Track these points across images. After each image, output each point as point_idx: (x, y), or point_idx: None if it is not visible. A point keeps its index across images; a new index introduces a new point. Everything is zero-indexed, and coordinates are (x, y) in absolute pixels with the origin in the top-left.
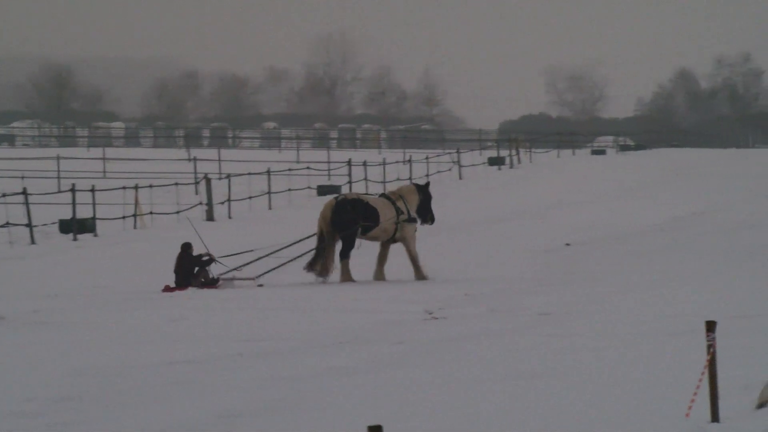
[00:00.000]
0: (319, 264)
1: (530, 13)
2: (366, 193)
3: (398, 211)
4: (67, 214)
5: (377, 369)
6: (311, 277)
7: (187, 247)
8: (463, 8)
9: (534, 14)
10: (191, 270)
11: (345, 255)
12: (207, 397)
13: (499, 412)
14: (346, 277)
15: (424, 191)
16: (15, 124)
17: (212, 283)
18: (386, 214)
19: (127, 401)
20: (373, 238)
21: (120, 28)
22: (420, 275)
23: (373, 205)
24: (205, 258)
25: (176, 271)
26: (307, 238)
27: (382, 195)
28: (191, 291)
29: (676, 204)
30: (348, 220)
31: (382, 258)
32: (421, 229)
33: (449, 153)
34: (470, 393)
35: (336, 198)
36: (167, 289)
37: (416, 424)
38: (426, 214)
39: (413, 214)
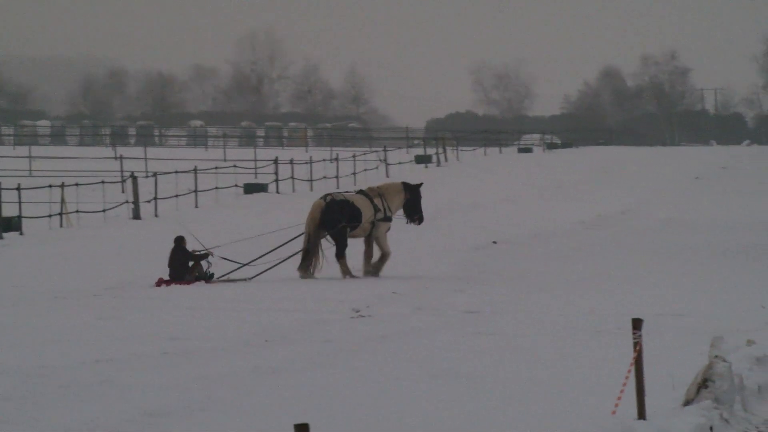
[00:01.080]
0: (310, 264)
1: (457, 11)
2: (346, 191)
3: (375, 209)
4: None
5: (304, 368)
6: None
7: (180, 241)
8: (389, 6)
9: (461, 12)
10: (185, 263)
11: (341, 254)
12: (133, 396)
13: (424, 412)
14: (347, 273)
15: (412, 191)
16: None
17: (206, 277)
18: (366, 213)
19: (53, 401)
20: (353, 236)
21: (46, 27)
22: (370, 270)
23: (357, 206)
24: (201, 252)
25: (170, 265)
26: (299, 236)
27: (360, 192)
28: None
29: (603, 202)
30: (336, 221)
31: (368, 255)
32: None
33: (376, 151)
34: (396, 392)
35: (324, 199)
36: (161, 282)
37: (342, 423)
38: (414, 214)
39: (391, 213)
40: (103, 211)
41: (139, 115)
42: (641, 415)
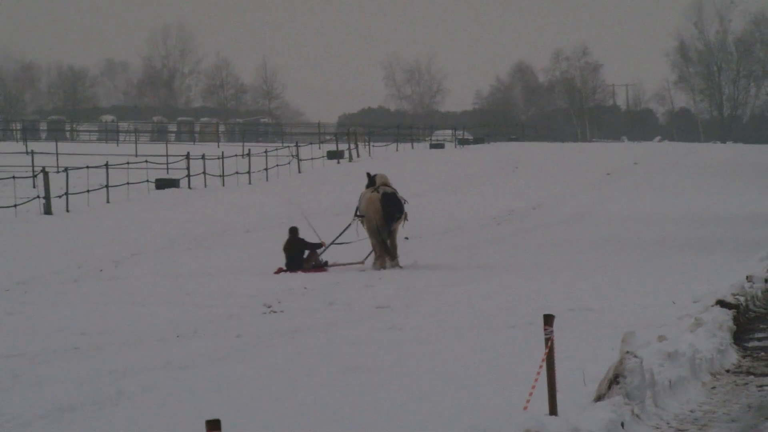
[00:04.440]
0: (386, 255)
1: (369, 5)
2: (385, 185)
3: (404, 202)
4: None
5: (214, 362)
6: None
7: (294, 231)
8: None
9: (372, 6)
10: (301, 253)
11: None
12: (43, 391)
13: (333, 406)
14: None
15: None
16: None
17: (321, 266)
18: (404, 205)
19: None
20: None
21: None
22: (395, 262)
23: (399, 198)
24: (315, 242)
25: (287, 255)
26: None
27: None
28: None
29: (514, 197)
30: (393, 212)
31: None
32: (260, 221)
33: (288, 146)
34: (306, 386)
35: (378, 191)
36: (280, 270)
37: (253, 418)
38: None
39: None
40: (14, 206)
41: (50, 109)
42: (553, 410)
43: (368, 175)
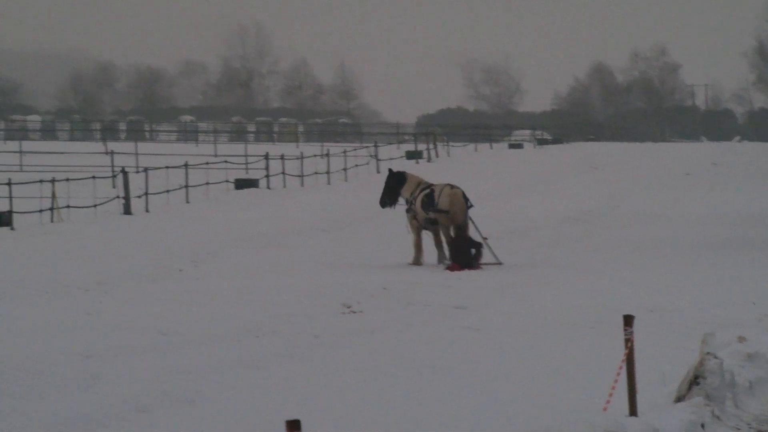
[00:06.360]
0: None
1: (447, 5)
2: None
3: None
4: None
5: (291, 362)
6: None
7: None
8: (379, 0)
9: (451, 6)
10: (468, 250)
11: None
12: (121, 391)
13: (407, 406)
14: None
15: None
16: None
17: (479, 264)
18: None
19: (42, 394)
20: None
21: (34, 21)
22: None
23: None
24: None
25: (453, 252)
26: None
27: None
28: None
29: (591, 196)
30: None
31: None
32: (338, 221)
33: (367, 146)
34: (380, 386)
35: (454, 188)
36: (454, 267)
37: (330, 418)
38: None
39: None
40: (94, 206)
41: (128, 109)
42: (633, 411)
43: (391, 171)
